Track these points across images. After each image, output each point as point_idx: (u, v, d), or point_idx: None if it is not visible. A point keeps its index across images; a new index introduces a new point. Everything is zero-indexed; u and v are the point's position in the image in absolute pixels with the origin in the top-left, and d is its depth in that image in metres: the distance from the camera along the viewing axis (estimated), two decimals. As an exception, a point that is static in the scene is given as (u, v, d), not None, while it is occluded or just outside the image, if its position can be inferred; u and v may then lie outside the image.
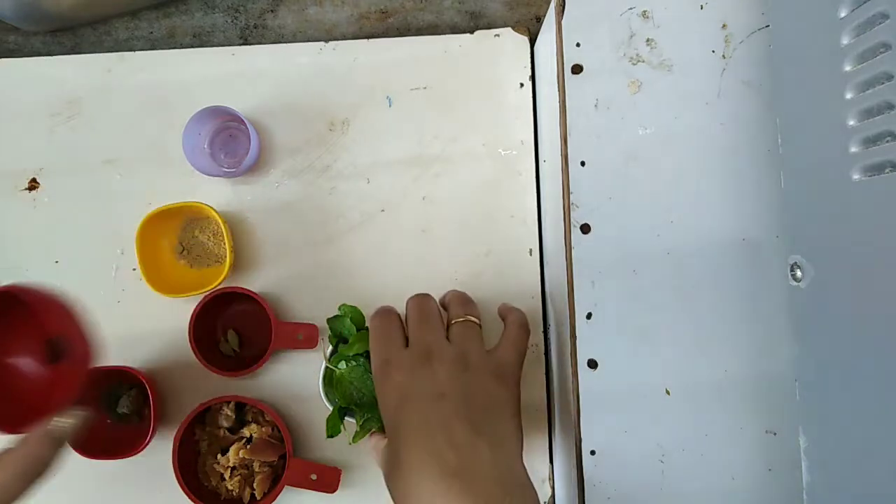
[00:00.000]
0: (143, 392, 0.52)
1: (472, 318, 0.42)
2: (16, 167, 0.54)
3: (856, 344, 0.34)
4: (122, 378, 0.52)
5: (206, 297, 0.50)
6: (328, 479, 0.49)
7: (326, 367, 0.45)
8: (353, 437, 0.43)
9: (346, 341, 0.45)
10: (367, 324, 0.45)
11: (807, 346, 0.38)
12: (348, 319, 0.45)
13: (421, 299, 0.43)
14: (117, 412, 0.52)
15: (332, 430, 0.44)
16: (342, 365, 0.44)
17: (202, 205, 0.50)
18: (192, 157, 0.50)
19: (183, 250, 0.53)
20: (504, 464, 0.36)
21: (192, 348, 0.49)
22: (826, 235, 0.36)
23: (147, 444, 0.48)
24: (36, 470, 0.34)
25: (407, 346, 0.41)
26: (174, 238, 0.53)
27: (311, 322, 0.51)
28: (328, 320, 0.46)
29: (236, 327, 0.54)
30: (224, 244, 0.52)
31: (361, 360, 0.44)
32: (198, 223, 0.53)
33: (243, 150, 0.54)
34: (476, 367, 0.39)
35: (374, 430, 0.43)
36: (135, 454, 0.48)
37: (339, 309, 0.45)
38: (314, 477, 0.49)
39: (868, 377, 0.33)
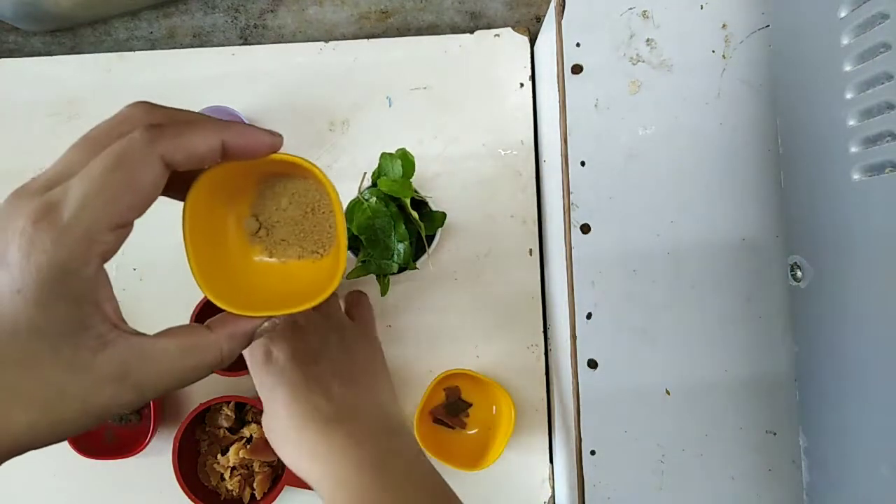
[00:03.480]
0: (143, 392, 0.52)
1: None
2: (16, 167, 0.54)
3: (856, 344, 0.34)
4: (122, 378, 0.52)
5: (205, 297, 0.49)
6: (328, 479, 0.49)
7: (355, 197, 0.45)
8: (350, 273, 0.45)
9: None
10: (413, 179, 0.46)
11: (807, 346, 0.38)
12: (399, 161, 0.45)
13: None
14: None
15: None
16: (372, 200, 0.44)
17: (290, 157, 0.30)
18: (192, 157, 0.50)
19: (259, 228, 0.34)
20: (378, 409, 0.41)
21: (192, 348, 0.49)
22: (826, 235, 0.36)
23: (147, 444, 0.48)
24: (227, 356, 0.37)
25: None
26: (245, 210, 0.34)
27: (311, 322, 0.51)
28: (382, 155, 0.46)
29: (236, 327, 0.53)
30: (331, 219, 0.34)
31: (392, 204, 0.44)
32: (284, 187, 0.34)
33: (243, 150, 0.54)
34: (347, 332, 0.44)
35: (370, 273, 0.45)
36: (135, 454, 0.48)
37: (397, 151, 0.46)
38: (314, 477, 0.49)
39: (867, 377, 0.33)
